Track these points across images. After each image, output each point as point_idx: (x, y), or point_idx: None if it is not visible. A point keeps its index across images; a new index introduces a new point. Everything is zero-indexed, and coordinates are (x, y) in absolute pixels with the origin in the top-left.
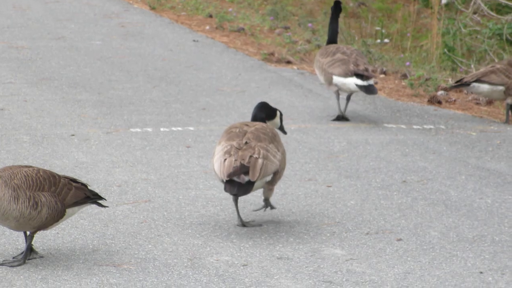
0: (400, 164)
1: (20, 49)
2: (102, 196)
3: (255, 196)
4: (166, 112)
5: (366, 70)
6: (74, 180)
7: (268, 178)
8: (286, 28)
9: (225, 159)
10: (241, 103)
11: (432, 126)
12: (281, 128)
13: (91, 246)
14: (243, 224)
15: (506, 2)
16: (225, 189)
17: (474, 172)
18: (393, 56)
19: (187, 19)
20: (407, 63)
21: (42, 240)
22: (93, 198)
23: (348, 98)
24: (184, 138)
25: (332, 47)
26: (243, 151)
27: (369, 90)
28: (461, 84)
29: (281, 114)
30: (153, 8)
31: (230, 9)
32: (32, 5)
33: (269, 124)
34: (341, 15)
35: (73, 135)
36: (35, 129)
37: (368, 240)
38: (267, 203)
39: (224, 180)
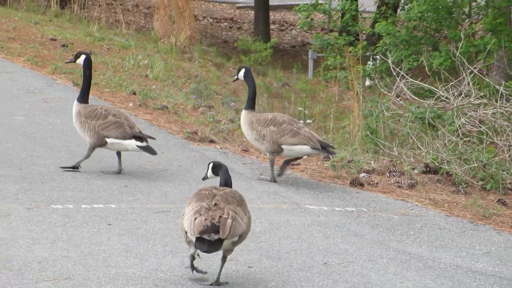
0: (322, 246)
1: None
2: None
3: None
4: (87, 189)
5: (140, 132)
6: None
7: (235, 238)
8: (210, 106)
9: (195, 218)
10: (163, 181)
11: (354, 209)
12: None
13: None
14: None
15: (428, 86)
16: (196, 246)
17: (395, 255)
18: None
19: (111, 96)
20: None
21: None
22: None
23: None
24: (105, 216)
25: (100, 108)
26: (213, 211)
27: (150, 150)
28: None
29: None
30: (76, 84)
31: (154, 87)
32: None
33: None
34: (265, 95)
35: None
36: None
37: None
38: (225, 260)
39: (194, 238)
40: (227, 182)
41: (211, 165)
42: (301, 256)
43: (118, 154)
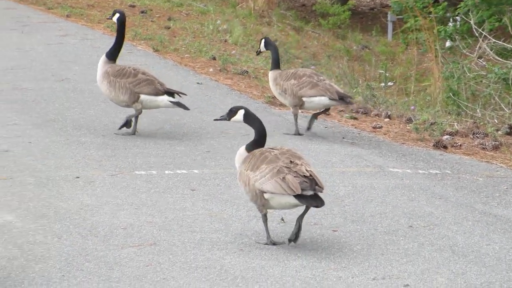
0: (406, 209)
1: (24, 90)
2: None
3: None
4: (170, 155)
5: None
6: None
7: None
8: None
9: (282, 177)
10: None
11: (438, 171)
12: None
13: None
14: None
15: None
16: (303, 203)
17: (481, 217)
18: (397, 100)
19: (191, 61)
20: (412, 107)
21: (48, 283)
22: None
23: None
24: (189, 181)
25: (128, 68)
26: (295, 167)
27: (182, 105)
28: None
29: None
30: (156, 50)
31: (233, 51)
32: (35, 46)
33: None
34: (345, 58)
35: (78, 177)
36: (39, 170)
37: (374, 286)
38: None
39: (290, 197)
40: (263, 131)
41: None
42: (385, 219)
43: (136, 117)
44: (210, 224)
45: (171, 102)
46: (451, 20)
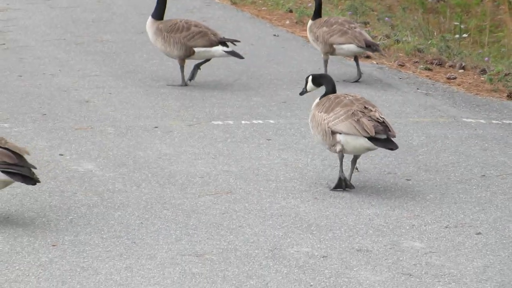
0: (479, 158)
1: (105, 42)
2: (32, 175)
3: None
4: (247, 105)
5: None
6: (8, 148)
7: None
8: (366, 23)
9: (357, 119)
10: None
11: (511, 121)
12: None
13: (174, 236)
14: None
15: None
16: (377, 146)
17: None
18: (471, 51)
19: (268, 14)
20: (486, 59)
21: (127, 229)
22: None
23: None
24: (264, 131)
25: (180, 21)
26: (370, 112)
27: (236, 54)
28: None
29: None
30: (234, 3)
31: (309, 4)
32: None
33: None
34: (420, 10)
35: (156, 127)
36: (119, 120)
37: (447, 234)
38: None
39: (368, 137)
40: (334, 89)
41: (310, 77)
42: (458, 168)
43: (182, 68)
44: (285, 173)
45: (225, 51)
46: None
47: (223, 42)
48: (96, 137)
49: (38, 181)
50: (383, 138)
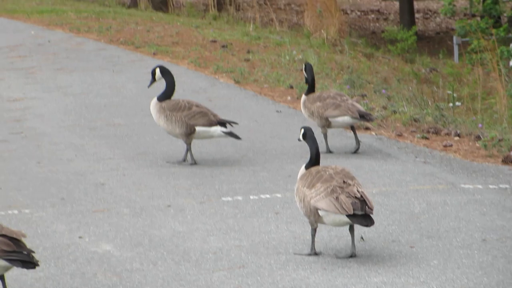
0: (479, 223)
1: (117, 126)
2: (31, 259)
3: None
4: (254, 181)
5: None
6: (5, 235)
7: None
8: (363, 95)
9: (336, 197)
10: None
11: (507, 186)
12: None
13: None
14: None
15: None
16: (354, 222)
17: None
18: (465, 118)
19: (270, 91)
20: (480, 125)
21: None
22: (12, 256)
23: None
24: (272, 205)
25: (182, 102)
26: (348, 188)
27: (234, 135)
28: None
29: None
30: (237, 82)
31: None
32: (125, 84)
33: None
34: (414, 81)
35: (169, 206)
36: (134, 201)
37: None
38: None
39: (342, 216)
40: (317, 152)
41: (302, 129)
42: (459, 234)
43: (188, 146)
44: (294, 245)
45: (223, 132)
46: None
47: (222, 123)
48: (112, 218)
49: (37, 265)
50: (360, 214)
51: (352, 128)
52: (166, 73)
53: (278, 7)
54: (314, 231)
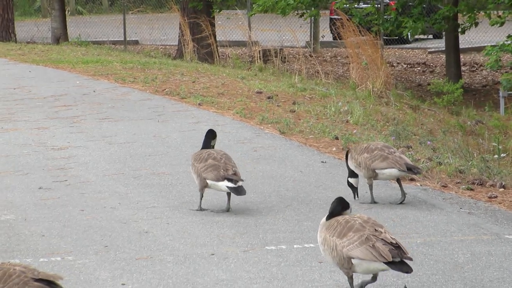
0: None
1: (161, 175)
2: None
3: None
4: (298, 230)
5: (235, 174)
6: (42, 279)
7: None
8: (408, 147)
9: (372, 245)
10: None
11: None
12: None
13: None
14: None
15: None
16: (393, 269)
17: None
18: (511, 170)
19: (315, 142)
20: None
21: None
22: None
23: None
24: (316, 254)
25: (205, 153)
26: (380, 235)
27: (238, 191)
28: None
29: (350, 209)
30: (282, 133)
31: (354, 131)
32: (170, 134)
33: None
34: (459, 133)
35: (213, 254)
36: (177, 249)
37: None
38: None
39: (386, 262)
40: (334, 210)
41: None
42: (503, 283)
43: (228, 194)
44: None
45: (227, 187)
46: None
47: (229, 179)
48: (156, 266)
49: None
50: (398, 260)
51: (398, 180)
52: (209, 136)
53: (324, 59)
54: (351, 279)
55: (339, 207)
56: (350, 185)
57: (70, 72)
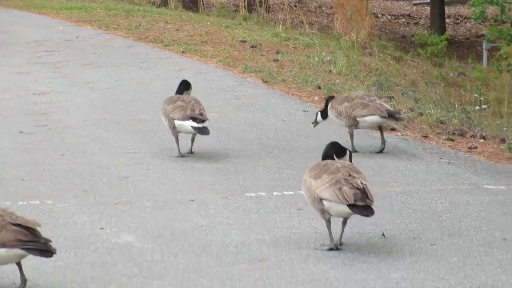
0: (500, 222)
1: (143, 121)
2: (48, 248)
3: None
4: (278, 178)
5: (201, 114)
6: (20, 224)
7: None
8: (390, 97)
9: (339, 187)
10: None
11: None
12: None
13: None
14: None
15: None
16: (354, 212)
17: None
18: (491, 122)
19: (297, 91)
20: (505, 128)
21: None
22: (29, 245)
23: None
24: (295, 201)
25: (175, 97)
26: (351, 180)
27: (202, 131)
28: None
29: (350, 153)
30: (265, 82)
31: (337, 81)
32: (153, 81)
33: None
34: (442, 84)
35: (192, 200)
36: (157, 195)
37: None
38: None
39: (344, 205)
40: (326, 154)
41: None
42: (480, 232)
43: (192, 140)
44: (316, 241)
45: (192, 127)
46: None
47: (194, 118)
48: (135, 211)
49: (54, 253)
50: (361, 205)
51: (380, 128)
52: (183, 85)
53: (309, 9)
54: (328, 222)
55: (331, 151)
56: (316, 118)
57: (53, 18)
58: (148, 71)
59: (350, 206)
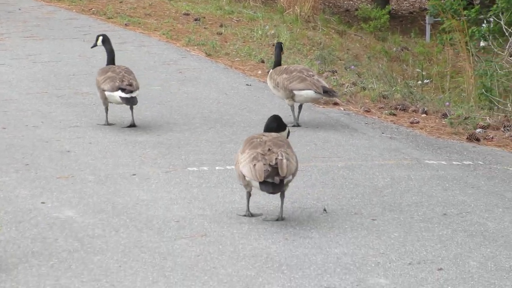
0: (441, 198)
1: (85, 95)
2: None
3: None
4: (221, 152)
5: (130, 85)
6: None
7: (291, 177)
8: (333, 71)
9: (254, 164)
10: (292, 142)
11: (471, 162)
12: None
13: (151, 279)
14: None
15: None
16: (262, 189)
17: (510, 205)
18: (433, 96)
19: (241, 65)
20: (447, 103)
21: (106, 273)
22: None
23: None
24: None
25: (107, 67)
26: (268, 155)
27: (129, 101)
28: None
29: (288, 131)
30: (208, 55)
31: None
32: (95, 54)
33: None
34: (384, 59)
35: (134, 174)
36: (99, 169)
37: (410, 270)
38: (283, 196)
39: (257, 182)
40: (268, 127)
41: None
42: (421, 208)
43: (105, 109)
44: (258, 216)
45: (120, 97)
46: (484, 21)
47: (122, 88)
48: (76, 185)
49: None
50: (270, 181)
51: (300, 106)
52: (106, 42)
53: None
54: (248, 194)
55: (273, 124)
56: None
57: None
58: (91, 44)
59: (260, 183)
